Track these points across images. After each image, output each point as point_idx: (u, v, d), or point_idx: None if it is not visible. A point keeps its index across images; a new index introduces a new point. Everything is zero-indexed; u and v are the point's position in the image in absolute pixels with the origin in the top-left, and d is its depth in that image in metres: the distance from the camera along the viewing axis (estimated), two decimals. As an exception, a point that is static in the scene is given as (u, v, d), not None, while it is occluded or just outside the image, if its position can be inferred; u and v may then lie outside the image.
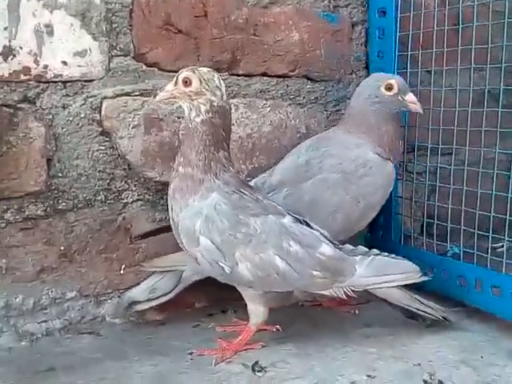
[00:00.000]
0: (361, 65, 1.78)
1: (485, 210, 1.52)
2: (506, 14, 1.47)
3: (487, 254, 1.47)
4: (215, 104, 1.24)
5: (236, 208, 1.26)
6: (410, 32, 1.64)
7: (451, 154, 1.65)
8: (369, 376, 1.24)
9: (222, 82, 1.26)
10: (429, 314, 1.42)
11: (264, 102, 1.65)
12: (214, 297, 1.60)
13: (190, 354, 1.34)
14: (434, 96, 1.63)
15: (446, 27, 1.58)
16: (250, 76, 1.63)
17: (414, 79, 1.65)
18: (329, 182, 1.47)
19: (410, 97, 1.50)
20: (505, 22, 1.46)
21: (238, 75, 1.61)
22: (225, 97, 1.26)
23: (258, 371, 1.23)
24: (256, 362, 1.27)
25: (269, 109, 1.66)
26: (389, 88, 1.50)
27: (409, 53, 1.66)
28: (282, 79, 1.68)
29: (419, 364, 1.28)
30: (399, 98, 1.50)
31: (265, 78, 1.65)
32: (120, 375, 1.25)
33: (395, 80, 1.51)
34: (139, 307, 1.49)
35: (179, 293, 1.49)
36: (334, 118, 1.76)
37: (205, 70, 1.27)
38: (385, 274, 1.33)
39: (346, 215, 1.47)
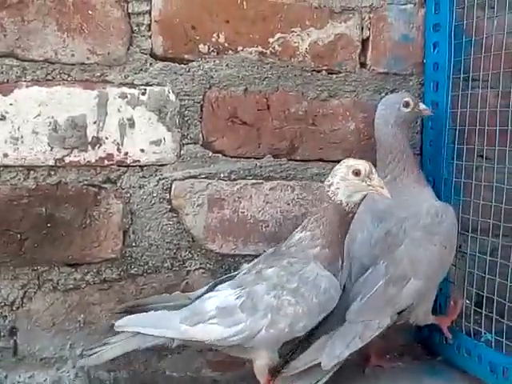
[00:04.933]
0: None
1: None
2: None
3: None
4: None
5: None
6: (458, 126, 1.75)
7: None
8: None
9: (339, 176, 1.49)
10: None
11: (319, 184, 1.78)
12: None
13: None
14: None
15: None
16: (307, 161, 1.79)
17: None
18: (417, 241, 1.57)
19: (423, 105, 1.71)
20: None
21: (296, 160, 1.78)
22: (327, 183, 1.50)
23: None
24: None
25: (324, 191, 1.81)
26: (407, 104, 1.67)
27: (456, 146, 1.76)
28: (337, 164, 1.81)
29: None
30: (416, 109, 1.68)
31: (320, 162, 1.80)
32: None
33: (408, 95, 1.70)
34: None
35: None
36: (387, 198, 1.87)
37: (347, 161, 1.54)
38: None
39: (439, 264, 1.61)
